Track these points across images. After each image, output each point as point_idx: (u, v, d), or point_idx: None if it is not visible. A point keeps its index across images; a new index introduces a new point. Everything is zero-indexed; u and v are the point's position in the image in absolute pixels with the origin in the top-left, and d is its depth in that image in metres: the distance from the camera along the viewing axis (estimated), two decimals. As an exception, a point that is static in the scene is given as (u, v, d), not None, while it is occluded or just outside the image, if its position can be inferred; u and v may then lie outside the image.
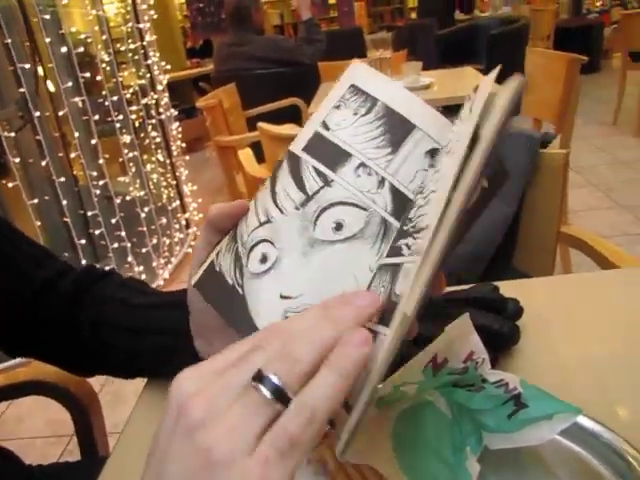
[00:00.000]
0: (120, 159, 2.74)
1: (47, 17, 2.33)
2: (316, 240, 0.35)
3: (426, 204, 0.33)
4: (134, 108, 2.81)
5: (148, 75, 2.97)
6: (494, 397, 0.44)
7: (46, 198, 2.39)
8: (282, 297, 0.35)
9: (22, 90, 2.25)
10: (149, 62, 2.97)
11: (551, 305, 0.66)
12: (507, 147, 1.00)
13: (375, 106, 0.36)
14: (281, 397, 0.26)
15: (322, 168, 0.36)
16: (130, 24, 2.87)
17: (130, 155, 2.74)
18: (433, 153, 0.36)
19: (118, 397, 2.02)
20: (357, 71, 0.37)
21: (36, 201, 2.28)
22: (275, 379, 0.27)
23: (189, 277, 0.41)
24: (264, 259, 0.36)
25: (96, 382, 2.21)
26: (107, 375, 0.63)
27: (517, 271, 1.06)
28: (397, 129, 0.36)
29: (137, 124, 2.84)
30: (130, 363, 0.59)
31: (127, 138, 2.72)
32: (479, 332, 0.50)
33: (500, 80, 0.33)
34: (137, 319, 0.57)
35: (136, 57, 2.92)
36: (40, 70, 2.38)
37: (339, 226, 0.35)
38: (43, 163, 2.31)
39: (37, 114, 2.27)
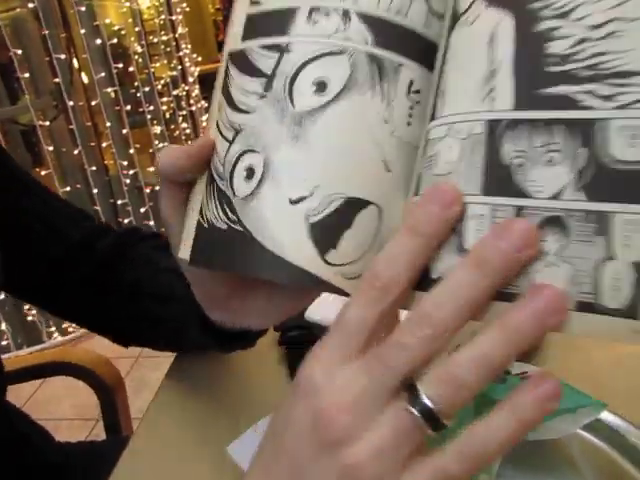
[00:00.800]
0: (150, 150, 2.77)
1: (82, 9, 2.36)
2: (302, 114, 0.28)
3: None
4: (165, 99, 2.84)
5: (179, 67, 2.99)
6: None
7: (78, 186, 2.44)
8: (293, 202, 0.28)
9: (57, 80, 2.29)
10: (180, 54, 3.00)
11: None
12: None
13: None
14: (434, 421, 0.23)
15: (270, 40, 0.29)
16: (163, 16, 2.90)
17: (160, 146, 2.77)
18: None
19: (143, 383, 2.05)
20: None
21: (68, 189, 2.33)
22: (430, 403, 0.23)
23: (174, 250, 0.34)
24: (250, 173, 0.29)
25: (122, 368, 2.25)
26: (140, 346, 0.63)
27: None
28: None
29: (168, 115, 2.87)
30: (159, 332, 0.58)
31: (158, 129, 2.75)
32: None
33: None
34: (163, 285, 0.55)
35: (168, 49, 2.95)
36: (75, 61, 2.43)
37: (321, 85, 0.28)
38: (75, 152, 2.36)
39: (71, 104, 2.31)
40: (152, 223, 2.64)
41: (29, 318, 2.28)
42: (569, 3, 0.23)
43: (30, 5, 2.20)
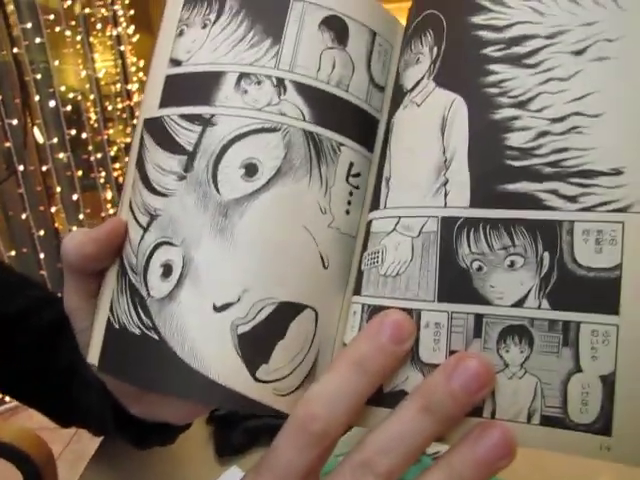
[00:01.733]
0: (102, 214, 2.76)
1: (39, 77, 2.39)
2: (228, 203, 0.24)
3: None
4: (118, 165, 2.85)
5: (134, 134, 3.03)
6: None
7: (24, 250, 2.39)
8: (218, 309, 0.24)
9: (8, 144, 2.28)
10: (135, 122, 3.04)
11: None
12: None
13: (225, 5, 0.26)
14: None
15: (191, 110, 0.25)
16: (119, 84, 2.95)
17: (111, 211, 2.76)
18: (330, 23, 0.26)
19: (83, 455, 1.96)
20: None
21: (13, 253, 2.28)
22: None
23: (82, 351, 0.30)
24: (167, 270, 0.25)
25: (62, 438, 2.15)
26: (80, 428, 0.60)
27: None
28: (267, 13, 0.25)
29: (121, 180, 2.88)
30: (85, 418, 0.55)
31: (109, 194, 2.75)
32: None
33: None
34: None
35: (124, 116, 2.99)
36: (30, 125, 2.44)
37: (251, 168, 0.24)
38: (23, 216, 2.33)
39: (21, 168, 2.30)
40: (99, 289, 2.60)
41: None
42: (527, 92, 0.22)
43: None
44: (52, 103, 2.48)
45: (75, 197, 2.53)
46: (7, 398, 2.25)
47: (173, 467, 0.57)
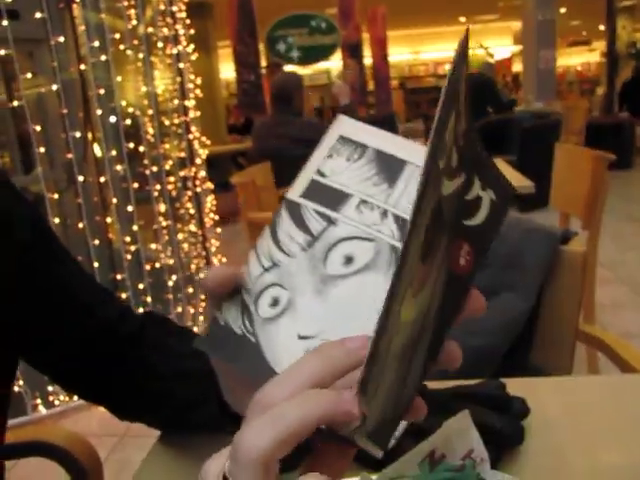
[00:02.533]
0: (154, 226, 2.83)
1: (102, 92, 2.49)
2: (328, 277, 0.35)
3: None
4: (172, 179, 2.92)
5: (188, 149, 3.10)
6: (489, 498, 0.44)
7: (79, 259, 2.46)
8: (301, 337, 0.35)
9: (70, 156, 2.37)
10: (190, 137, 3.12)
11: (561, 408, 0.65)
12: (526, 242, 1.02)
13: (366, 152, 0.38)
14: None
15: (323, 210, 0.37)
16: (176, 101, 3.04)
17: (164, 223, 2.83)
18: None
19: (126, 464, 1.99)
20: (344, 124, 0.39)
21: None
22: None
23: None
24: (275, 302, 0.36)
25: (105, 447, 2.19)
26: (138, 421, 0.67)
27: (534, 368, 1.04)
28: (390, 167, 0.37)
29: (174, 194, 2.95)
30: (158, 409, 0.63)
31: (162, 207, 2.82)
32: (481, 430, 0.50)
33: (531, 173, 0.36)
34: (178, 365, 0.61)
35: (179, 131, 3.07)
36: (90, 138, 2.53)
37: (349, 260, 0.36)
38: (80, 225, 2.41)
39: (81, 178, 2.39)
40: (149, 299, 2.65)
41: (15, 388, 2.25)
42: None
43: (54, 86, 2.31)
44: (112, 118, 2.57)
45: (130, 209, 2.60)
46: (56, 402, 2.32)
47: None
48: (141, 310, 2.60)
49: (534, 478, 0.47)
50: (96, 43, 2.47)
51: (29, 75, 2.32)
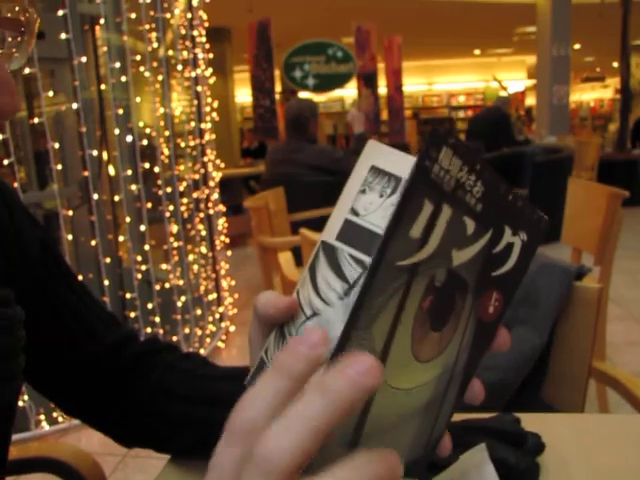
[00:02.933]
0: (165, 247, 2.84)
1: (120, 112, 2.53)
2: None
3: None
4: (185, 200, 2.94)
5: (202, 171, 3.13)
6: (505, 536, 0.43)
7: (90, 276, 2.48)
8: None
9: (86, 173, 2.40)
10: (205, 159, 3.15)
11: (576, 444, 0.64)
12: (541, 278, 1.02)
13: (399, 185, 0.35)
14: None
15: (359, 255, 0.34)
16: (193, 123, 3.07)
17: (175, 244, 2.84)
18: None
19: (126, 486, 1.97)
20: (374, 151, 0.36)
21: (80, 278, 2.37)
22: None
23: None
24: None
25: (106, 466, 2.16)
26: (147, 447, 0.65)
27: (545, 404, 1.03)
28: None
29: (186, 215, 2.96)
30: (176, 433, 0.61)
31: (174, 228, 2.83)
32: (495, 465, 0.49)
33: (543, 207, 0.35)
34: (196, 388, 0.60)
35: (194, 153, 3.11)
36: (105, 157, 2.56)
37: None
38: (93, 243, 2.42)
39: (95, 196, 2.41)
40: (157, 319, 2.65)
41: (20, 403, 2.24)
42: None
43: (74, 105, 2.35)
44: (129, 138, 2.60)
45: (142, 228, 2.62)
46: (60, 419, 2.30)
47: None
48: (149, 330, 2.60)
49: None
50: (117, 64, 2.51)
51: (50, 93, 2.35)
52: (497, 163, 5.33)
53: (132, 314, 2.55)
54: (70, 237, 2.38)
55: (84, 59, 2.36)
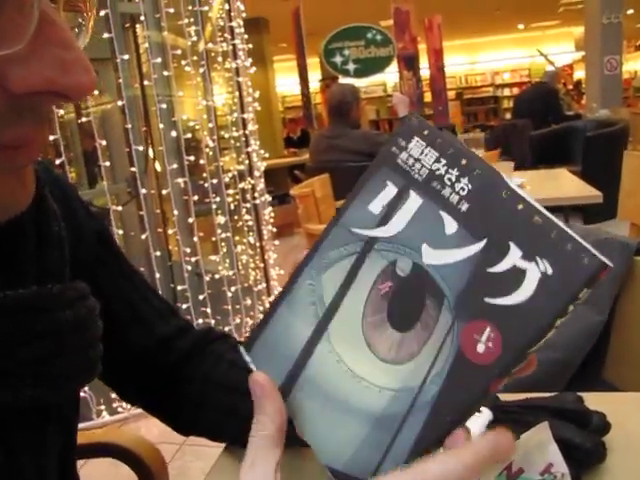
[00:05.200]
0: (213, 238, 2.87)
1: (163, 106, 2.56)
2: None
3: None
4: (231, 192, 2.97)
5: (247, 161, 3.15)
6: (573, 517, 0.41)
7: (141, 269, 2.53)
8: None
9: (133, 169, 2.45)
10: (249, 150, 3.16)
11: (643, 424, 0.61)
12: (600, 253, 0.97)
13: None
14: None
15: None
16: (235, 114, 3.09)
17: (223, 235, 2.87)
18: None
19: (184, 472, 2.01)
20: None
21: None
22: None
23: None
24: None
25: (164, 454, 2.21)
26: (201, 436, 0.67)
27: (607, 384, 0.99)
28: None
29: (232, 207, 2.99)
30: (228, 423, 0.62)
31: (222, 219, 2.86)
32: (559, 445, 0.47)
33: (596, 183, 0.31)
34: (243, 380, 0.59)
35: (238, 144, 3.12)
36: (150, 152, 2.61)
37: None
38: (143, 236, 2.47)
39: (143, 191, 2.45)
40: (209, 310, 2.69)
41: (81, 394, 2.31)
42: None
43: (119, 103, 2.40)
44: (173, 132, 2.64)
45: (190, 220, 2.65)
46: (119, 409, 2.37)
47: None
48: (200, 321, 2.64)
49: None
50: (158, 59, 2.54)
51: (96, 92, 2.40)
52: (547, 140, 5.18)
53: (184, 306, 2.60)
54: (121, 232, 2.44)
55: (126, 57, 2.40)
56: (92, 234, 0.60)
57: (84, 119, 2.41)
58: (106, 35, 2.32)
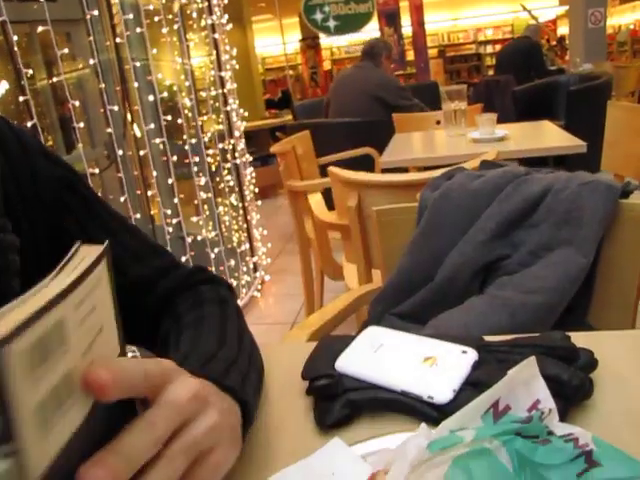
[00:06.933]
0: (195, 200, 2.83)
1: (138, 64, 2.48)
2: None
3: None
4: (211, 152, 2.91)
5: (226, 121, 3.08)
6: (561, 451, 0.40)
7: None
8: None
9: (109, 131, 2.38)
10: (228, 109, 3.09)
11: (629, 360, 0.60)
12: (583, 196, 0.96)
13: None
14: None
15: None
16: (213, 72, 3.01)
17: (204, 197, 2.83)
18: None
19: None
20: None
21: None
22: None
23: None
24: None
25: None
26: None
27: (591, 328, 0.98)
28: None
29: (213, 168, 2.94)
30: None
31: (202, 180, 2.81)
32: (547, 382, 0.46)
33: (580, 137, 0.29)
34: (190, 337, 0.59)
35: (216, 104, 3.05)
36: (128, 116, 2.53)
37: None
38: (122, 199, 2.42)
39: (120, 153, 2.39)
40: (192, 272, 2.67)
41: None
42: None
43: (91, 61, 2.32)
44: (149, 92, 2.56)
45: (170, 182, 2.60)
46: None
47: (271, 438, 0.55)
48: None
49: (604, 434, 0.42)
50: (130, 16, 2.45)
51: (66, 50, 2.31)
52: (530, 95, 5.13)
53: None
54: (100, 195, 2.39)
55: (96, 12, 2.31)
56: (53, 180, 0.60)
57: (55, 79, 2.33)
58: (74, -9, 2.22)
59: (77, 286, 0.32)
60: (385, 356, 0.58)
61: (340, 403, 0.54)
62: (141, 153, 2.51)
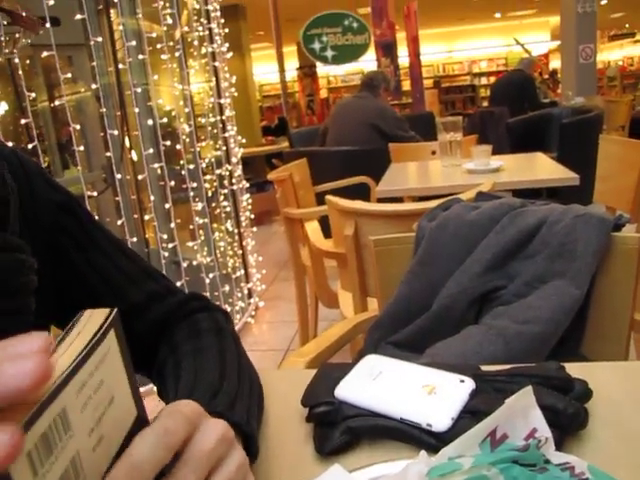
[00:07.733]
0: (191, 225, 2.84)
1: (138, 91, 2.52)
2: None
3: None
4: (208, 178, 2.93)
5: (224, 147, 3.11)
6: (558, 479, 0.41)
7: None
8: None
9: (109, 154, 2.40)
10: (226, 135, 3.13)
11: (622, 391, 0.61)
12: (577, 229, 0.98)
13: None
14: None
15: None
16: (212, 99, 3.05)
17: (200, 222, 2.84)
18: None
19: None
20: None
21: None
22: None
23: None
24: None
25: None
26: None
27: (585, 358, 1.00)
28: None
29: (210, 193, 2.96)
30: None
31: (199, 206, 2.83)
32: (543, 411, 0.47)
33: (572, 169, 0.31)
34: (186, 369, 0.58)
35: (215, 130, 3.09)
36: (127, 140, 2.56)
37: None
38: (119, 222, 2.43)
39: (119, 177, 2.41)
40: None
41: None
42: None
43: (93, 86, 2.35)
44: (149, 118, 2.59)
45: (167, 206, 2.62)
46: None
47: (272, 464, 0.55)
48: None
49: (599, 463, 0.43)
50: (133, 42, 2.49)
51: (69, 75, 2.35)
52: (523, 127, 5.21)
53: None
54: (96, 218, 2.39)
55: (100, 39, 2.35)
56: (51, 203, 0.61)
57: (57, 103, 2.36)
58: (79, 17, 2.26)
59: (79, 369, 0.29)
60: (384, 384, 0.59)
61: (340, 430, 0.55)
62: (139, 177, 2.53)
